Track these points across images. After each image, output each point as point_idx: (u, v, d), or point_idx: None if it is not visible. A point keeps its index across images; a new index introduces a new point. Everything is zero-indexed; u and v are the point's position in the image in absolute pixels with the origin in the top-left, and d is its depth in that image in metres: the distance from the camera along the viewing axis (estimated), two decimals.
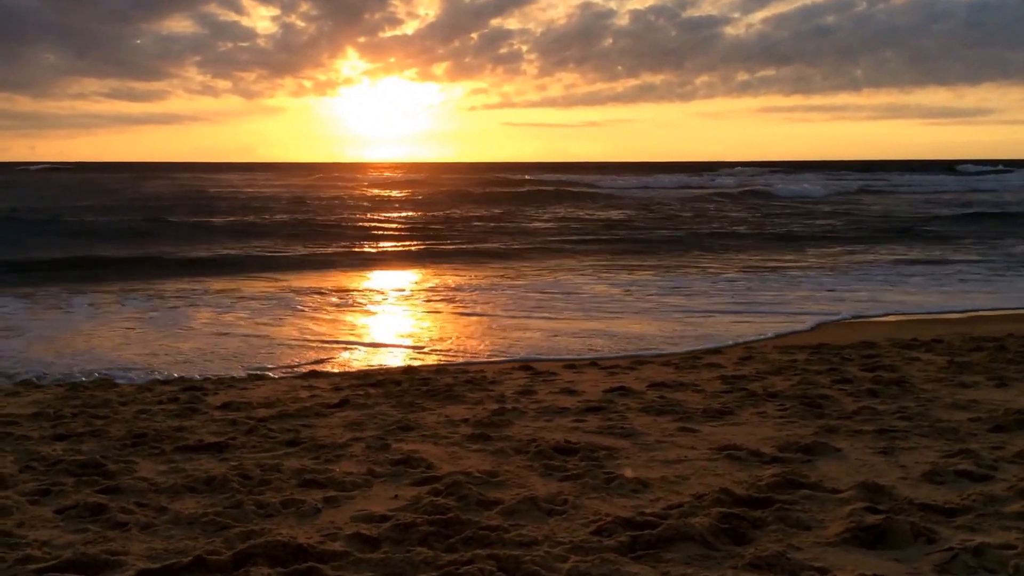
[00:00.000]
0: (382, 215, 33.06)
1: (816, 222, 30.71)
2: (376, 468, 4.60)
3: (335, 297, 13.75)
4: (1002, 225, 28.97)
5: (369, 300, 13.62)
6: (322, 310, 12.35)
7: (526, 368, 8.05)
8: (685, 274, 16.69)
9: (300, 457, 4.87)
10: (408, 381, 7.27)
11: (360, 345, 9.76)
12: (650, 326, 10.74)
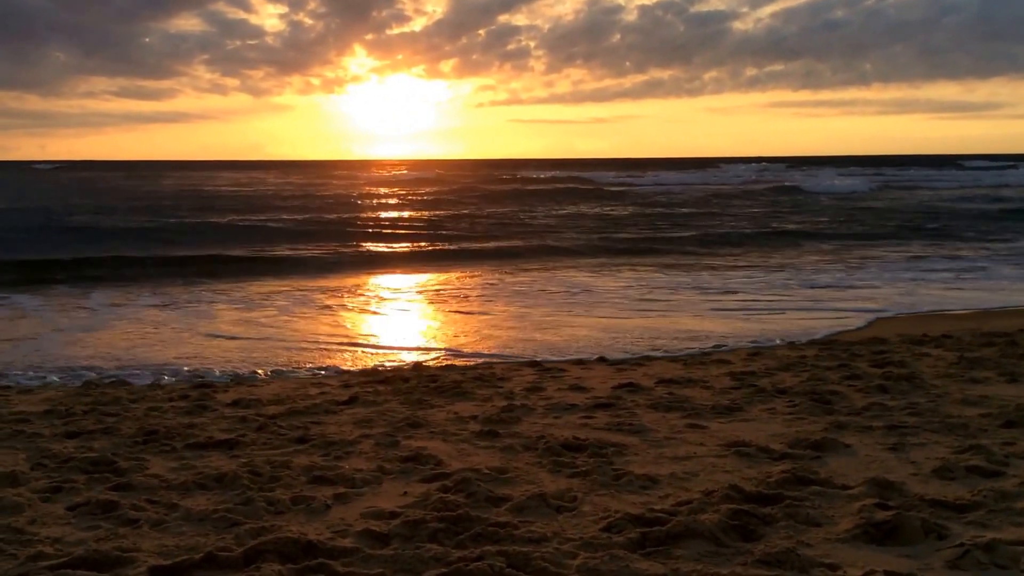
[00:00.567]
0: (396, 214, 32.56)
1: (871, 218, 29.60)
2: (385, 465, 4.61)
3: (346, 295, 13.79)
4: None
5: (380, 298, 13.65)
6: (332, 308, 12.39)
7: (534, 364, 8.06)
8: (742, 269, 16.55)
9: (310, 454, 4.89)
10: (416, 378, 7.28)
11: (368, 342, 9.79)
12: (721, 324, 10.64)
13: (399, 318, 11.74)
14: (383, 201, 40.44)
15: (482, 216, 31.35)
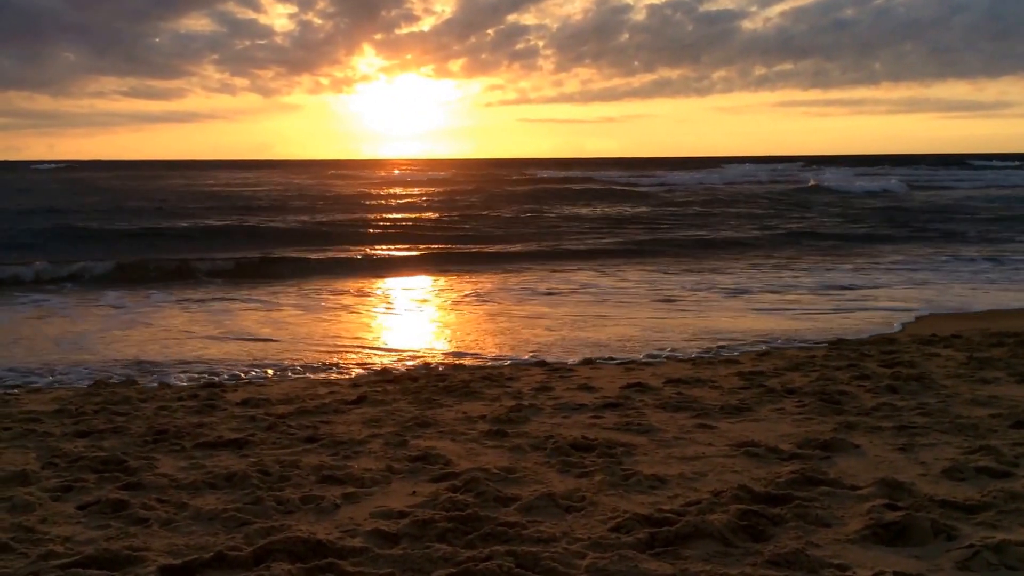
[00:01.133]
0: (408, 215, 31.68)
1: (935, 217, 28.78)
2: (394, 464, 4.62)
3: (360, 296, 13.82)
4: None
5: (393, 299, 13.67)
6: (344, 309, 12.42)
7: (542, 364, 8.06)
8: (793, 268, 16.43)
9: (319, 453, 4.90)
10: (425, 378, 7.30)
11: (377, 341, 9.80)
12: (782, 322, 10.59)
13: (413, 319, 11.76)
14: (399, 202, 39.69)
15: (505, 217, 30.32)
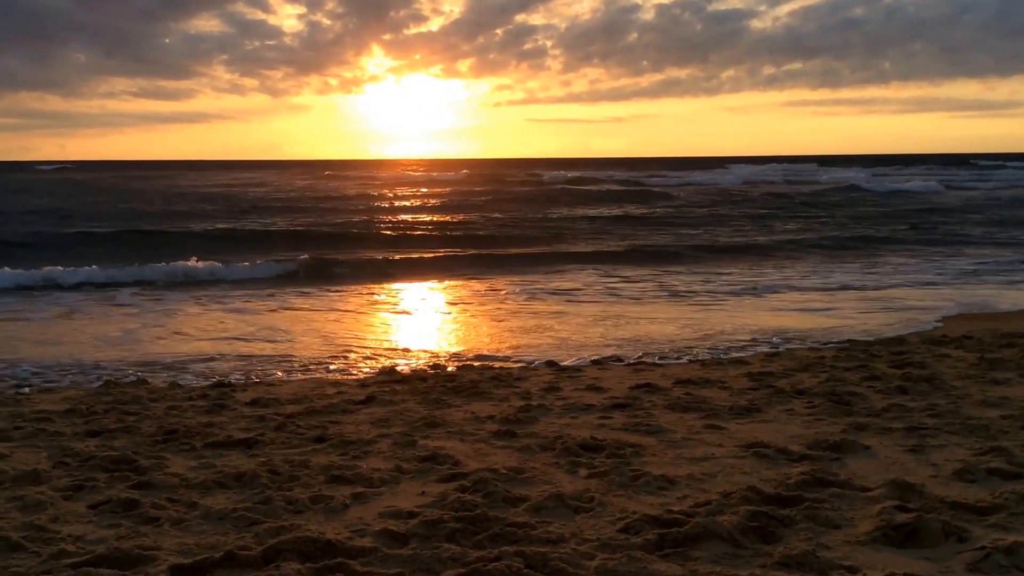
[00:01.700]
0: (420, 217, 31.34)
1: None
2: (403, 464, 4.62)
3: (366, 297, 13.85)
4: None
5: (401, 300, 13.70)
6: (353, 309, 12.45)
7: (551, 364, 8.06)
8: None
9: (328, 453, 4.91)
10: (433, 378, 7.30)
11: (385, 342, 9.82)
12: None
13: (422, 320, 11.77)
14: (413, 203, 39.39)
15: (534, 218, 29.92)
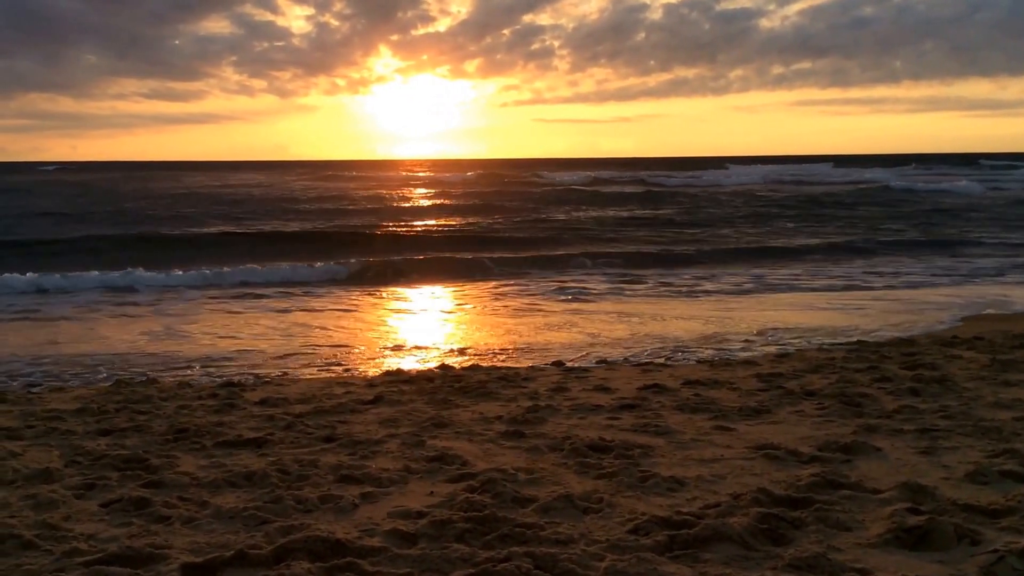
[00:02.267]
0: (432, 220, 30.80)
1: None
2: (411, 464, 4.62)
3: (374, 298, 13.87)
4: None
5: (411, 300, 13.72)
6: (364, 311, 12.48)
7: (558, 365, 8.05)
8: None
9: (337, 453, 4.92)
10: (441, 378, 7.30)
11: (393, 342, 9.83)
12: None
13: (431, 320, 11.79)
14: (413, 205, 39.34)
15: (557, 219, 29.54)
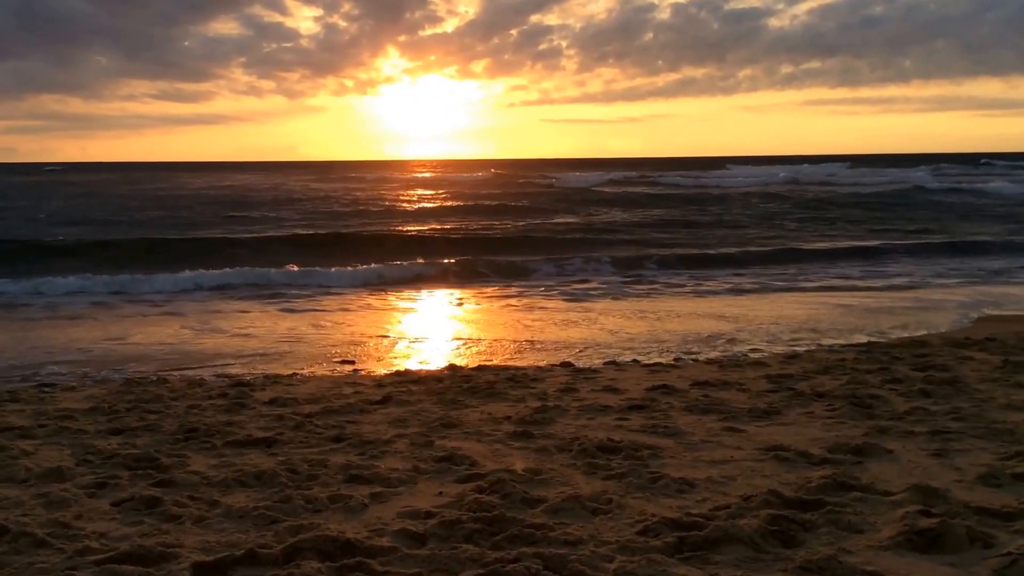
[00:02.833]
0: (444, 222, 29.87)
1: None
2: (420, 465, 4.63)
3: (379, 300, 13.91)
4: None
5: (418, 300, 13.74)
6: (372, 311, 12.51)
7: (567, 365, 8.04)
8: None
9: (346, 453, 4.93)
10: (450, 379, 7.31)
11: (401, 343, 9.84)
12: None
13: (439, 320, 11.80)
14: (422, 207, 39.19)
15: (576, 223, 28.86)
